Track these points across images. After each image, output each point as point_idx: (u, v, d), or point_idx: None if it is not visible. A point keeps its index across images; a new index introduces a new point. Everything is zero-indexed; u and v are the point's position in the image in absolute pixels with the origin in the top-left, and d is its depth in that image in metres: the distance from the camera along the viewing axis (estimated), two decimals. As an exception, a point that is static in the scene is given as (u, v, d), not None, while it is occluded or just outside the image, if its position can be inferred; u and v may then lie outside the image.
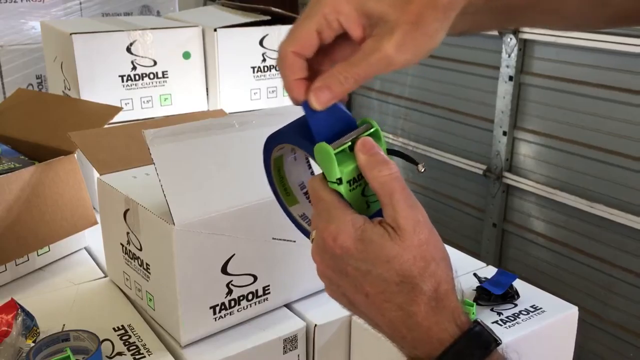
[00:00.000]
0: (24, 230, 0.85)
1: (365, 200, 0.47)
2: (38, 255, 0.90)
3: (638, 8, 0.50)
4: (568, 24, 0.53)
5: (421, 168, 0.47)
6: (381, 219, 0.45)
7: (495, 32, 1.89)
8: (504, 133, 1.94)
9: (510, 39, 1.85)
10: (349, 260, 0.44)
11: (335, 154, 0.45)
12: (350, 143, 0.46)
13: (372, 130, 0.48)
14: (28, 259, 0.89)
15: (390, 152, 0.47)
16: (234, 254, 0.72)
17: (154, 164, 0.68)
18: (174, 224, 0.67)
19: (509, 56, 1.88)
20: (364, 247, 0.43)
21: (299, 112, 0.48)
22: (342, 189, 0.46)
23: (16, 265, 0.87)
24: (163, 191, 0.67)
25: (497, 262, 2.05)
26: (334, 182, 0.46)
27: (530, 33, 1.81)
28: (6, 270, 0.86)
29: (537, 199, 1.92)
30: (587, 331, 1.77)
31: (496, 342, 0.44)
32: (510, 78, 1.89)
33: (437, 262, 0.43)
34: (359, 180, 0.46)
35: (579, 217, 1.80)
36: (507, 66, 1.89)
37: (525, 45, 1.86)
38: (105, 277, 0.88)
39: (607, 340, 1.76)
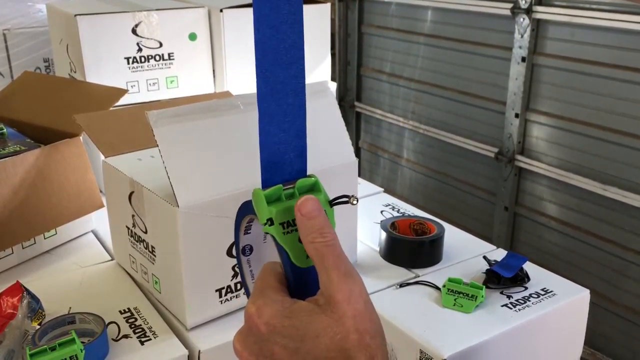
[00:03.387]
0: (30, 213, 0.85)
1: (303, 248, 0.43)
2: (45, 238, 0.90)
3: None
4: None
5: (353, 200, 0.44)
6: (311, 298, 0.42)
7: (508, 12, 1.85)
8: (516, 115, 1.92)
9: (523, 19, 1.82)
10: (275, 338, 0.41)
11: (270, 197, 0.44)
12: (291, 190, 0.45)
13: (312, 180, 0.46)
14: (35, 242, 0.89)
15: (332, 203, 0.45)
16: (239, 237, 0.71)
17: (157, 145, 0.67)
18: (178, 206, 0.66)
19: (522, 37, 1.84)
20: (291, 322, 0.41)
21: None
22: (274, 230, 0.43)
23: (23, 248, 0.87)
24: (167, 173, 0.67)
25: (508, 245, 2.03)
26: (266, 225, 0.44)
27: (544, 13, 1.78)
28: (13, 253, 0.86)
29: (550, 182, 1.89)
30: (599, 314, 1.76)
31: None
32: (523, 59, 1.86)
33: (371, 335, 0.41)
34: (295, 225, 0.44)
35: (591, 200, 1.77)
36: (520, 47, 1.86)
37: (538, 26, 1.82)
38: (112, 260, 0.88)
39: (619, 324, 1.74)
